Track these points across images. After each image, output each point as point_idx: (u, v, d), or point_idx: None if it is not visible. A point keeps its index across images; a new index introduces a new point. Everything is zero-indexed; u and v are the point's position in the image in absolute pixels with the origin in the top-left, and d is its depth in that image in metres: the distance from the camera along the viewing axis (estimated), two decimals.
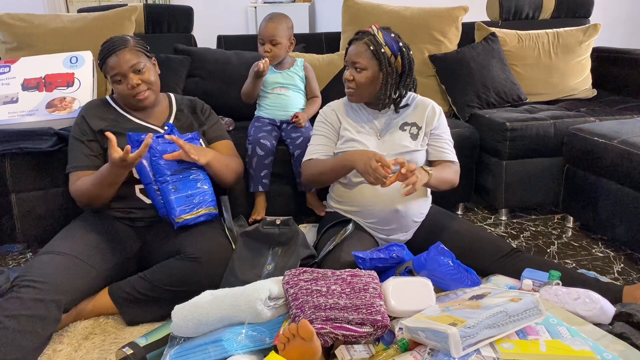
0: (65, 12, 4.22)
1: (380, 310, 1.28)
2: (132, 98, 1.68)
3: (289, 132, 2.11)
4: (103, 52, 1.67)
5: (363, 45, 1.67)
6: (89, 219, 1.67)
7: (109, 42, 1.69)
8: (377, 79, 1.69)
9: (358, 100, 1.77)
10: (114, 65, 1.64)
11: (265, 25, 2.08)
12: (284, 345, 1.18)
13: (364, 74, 1.68)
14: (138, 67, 1.66)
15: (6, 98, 2.07)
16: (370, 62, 1.67)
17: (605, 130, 2.08)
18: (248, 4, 4.33)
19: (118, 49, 1.64)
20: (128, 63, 1.64)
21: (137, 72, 1.66)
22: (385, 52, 1.66)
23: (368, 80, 1.69)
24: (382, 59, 1.66)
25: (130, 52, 1.66)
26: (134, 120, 1.74)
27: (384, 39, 1.67)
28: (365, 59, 1.67)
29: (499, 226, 2.31)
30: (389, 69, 1.67)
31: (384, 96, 1.71)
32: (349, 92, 1.75)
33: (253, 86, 2.10)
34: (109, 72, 1.66)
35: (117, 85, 1.67)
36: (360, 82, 1.70)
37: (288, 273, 1.37)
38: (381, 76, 1.68)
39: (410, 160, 1.72)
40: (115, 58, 1.64)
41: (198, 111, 1.87)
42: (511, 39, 2.72)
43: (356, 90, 1.72)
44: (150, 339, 1.39)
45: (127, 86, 1.66)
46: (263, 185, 2.07)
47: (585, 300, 1.38)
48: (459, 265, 1.46)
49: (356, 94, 1.74)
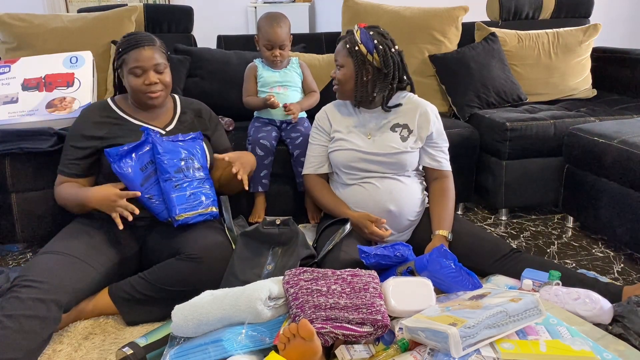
0: (65, 12, 4.22)
1: (381, 310, 1.28)
2: (144, 95, 1.69)
3: (289, 132, 2.11)
4: (128, 42, 1.67)
5: (342, 44, 1.75)
6: (88, 219, 1.67)
7: (136, 35, 1.70)
8: (353, 77, 1.75)
9: (342, 98, 1.84)
10: (138, 58, 1.65)
11: (274, 32, 2.06)
12: (284, 345, 1.18)
13: (342, 71, 1.76)
14: (160, 68, 1.69)
15: (6, 98, 2.07)
16: (346, 60, 1.74)
17: (605, 130, 2.08)
18: (248, 4, 4.33)
19: (146, 44, 1.66)
20: (152, 60, 1.66)
21: (157, 72, 1.68)
22: (359, 49, 1.71)
23: (345, 78, 1.76)
24: (356, 57, 1.71)
25: (157, 51, 1.68)
26: (135, 122, 1.73)
27: (360, 37, 1.72)
28: (342, 57, 1.75)
29: (499, 226, 2.31)
30: (362, 66, 1.72)
31: (364, 93, 1.76)
32: (334, 89, 1.83)
33: (259, 106, 2.14)
34: (130, 64, 1.65)
35: (134, 78, 1.67)
36: (340, 79, 1.78)
37: (288, 273, 1.37)
38: (358, 74, 1.73)
39: (399, 161, 1.76)
40: (141, 52, 1.65)
41: (204, 117, 1.88)
42: (511, 39, 2.72)
43: (338, 87, 1.80)
44: (150, 339, 1.39)
45: (144, 81, 1.67)
46: (263, 185, 2.07)
47: (585, 300, 1.38)
48: (461, 268, 1.46)
49: (339, 91, 1.81)
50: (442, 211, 1.76)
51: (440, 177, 1.82)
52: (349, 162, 1.78)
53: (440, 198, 1.79)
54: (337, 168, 1.84)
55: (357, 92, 1.75)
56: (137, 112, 1.76)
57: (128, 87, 1.71)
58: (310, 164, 1.89)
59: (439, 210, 1.77)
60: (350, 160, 1.77)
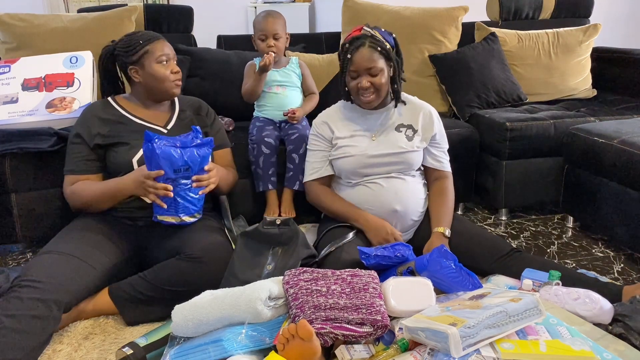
0: (65, 12, 4.22)
1: (380, 310, 1.28)
2: (171, 82, 1.74)
3: (287, 130, 2.11)
4: (146, 36, 1.72)
5: (370, 50, 1.66)
6: (89, 218, 1.67)
7: (143, 32, 1.76)
8: (389, 76, 1.73)
9: (376, 103, 1.76)
10: (164, 48, 1.72)
11: (266, 21, 2.08)
12: (284, 346, 1.18)
13: (381, 75, 1.69)
14: (176, 59, 1.77)
15: (6, 98, 2.07)
16: (383, 63, 1.69)
17: (605, 130, 2.08)
18: (248, 4, 4.33)
19: (162, 39, 1.74)
20: (172, 51, 1.76)
21: None
22: (388, 47, 1.69)
23: (387, 81, 1.72)
24: (390, 55, 1.69)
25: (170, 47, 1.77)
26: (136, 121, 1.74)
27: (381, 35, 1.69)
28: (379, 62, 1.67)
29: (499, 226, 2.31)
30: (395, 61, 1.71)
31: (398, 88, 1.75)
32: (369, 99, 1.72)
33: (257, 82, 2.09)
34: (157, 53, 1.70)
35: (161, 67, 1.71)
36: (381, 84, 1.70)
37: (288, 273, 1.37)
38: (392, 71, 1.72)
39: (407, 160, 1.75)
40: (164, 43, 1.73)
41: (203, 113, 1.88)
42: (511, 39, 2.72)
43: (377, 94, 1.72)
44: (150, 339, 1.39)
45: (172, 69, 1.73)
46: (272, 183, 2.06)
47: (585, 300, 1.38)
48: (461, 268, 1.46)
49: (377, 98, 1.73)
50: (442, 209, 1.77)
51: (440, 177, 1.82)
52: (356, 168, 1.76)
53: (440, 197, 1.79)
54: (342, 174, 1.82)
55: (394, 89, 1.75)
56: (138, 111, 1.76)
57: (152, 79, 1.72)
58: (313, 169, 1.84)
59: (438, 209, 1.77)
60: (357, 166, 1.75)
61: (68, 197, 1.69)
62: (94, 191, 1.64)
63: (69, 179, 1.69)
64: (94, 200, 1.65)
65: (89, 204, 1.66)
